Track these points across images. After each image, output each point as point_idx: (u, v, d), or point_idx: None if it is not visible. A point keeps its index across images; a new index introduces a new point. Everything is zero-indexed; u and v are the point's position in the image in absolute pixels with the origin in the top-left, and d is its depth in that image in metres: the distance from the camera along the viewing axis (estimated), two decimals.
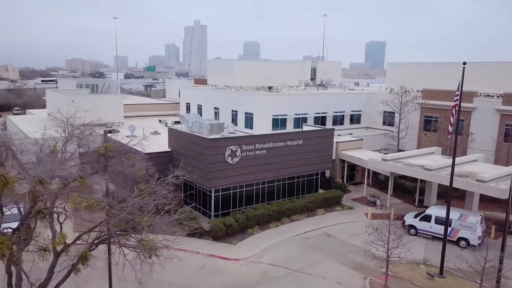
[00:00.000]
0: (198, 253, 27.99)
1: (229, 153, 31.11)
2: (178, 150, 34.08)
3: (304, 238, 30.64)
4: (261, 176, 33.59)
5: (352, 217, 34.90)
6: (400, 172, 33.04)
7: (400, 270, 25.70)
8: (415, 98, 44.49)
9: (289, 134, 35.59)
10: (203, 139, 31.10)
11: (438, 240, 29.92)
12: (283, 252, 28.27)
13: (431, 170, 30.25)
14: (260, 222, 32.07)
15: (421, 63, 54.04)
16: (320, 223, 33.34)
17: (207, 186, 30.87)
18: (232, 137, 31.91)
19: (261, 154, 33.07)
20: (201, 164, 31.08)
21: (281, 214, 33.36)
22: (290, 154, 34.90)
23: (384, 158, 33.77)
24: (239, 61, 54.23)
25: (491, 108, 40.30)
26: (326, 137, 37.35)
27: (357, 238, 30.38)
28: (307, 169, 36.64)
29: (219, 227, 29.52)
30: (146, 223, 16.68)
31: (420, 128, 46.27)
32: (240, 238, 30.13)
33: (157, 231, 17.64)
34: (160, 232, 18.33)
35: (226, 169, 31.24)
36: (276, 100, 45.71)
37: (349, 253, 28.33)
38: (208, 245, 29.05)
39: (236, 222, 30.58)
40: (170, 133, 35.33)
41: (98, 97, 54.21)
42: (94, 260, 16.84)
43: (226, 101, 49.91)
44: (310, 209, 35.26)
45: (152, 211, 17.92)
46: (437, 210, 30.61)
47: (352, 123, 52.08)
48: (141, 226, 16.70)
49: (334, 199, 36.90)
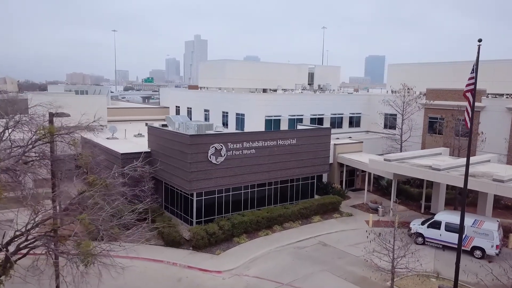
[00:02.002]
0: (175, 264, 24.48)
1: (213, 151, 27.78)
2: (158, 150, 30.76)
3: (298, 248, 27.08)
4: (249, 178, 30.17)
5: (351, 224, 31.36)
6: (405, 173, 29.60)
7: (408, 284, 22.08)
8: (418, 98, 41.31)
9: (281, 132, 32.24)
10: (183, 136, 27.81)
11: (449, 250, 26.38)
12: (272, 264, 24.69)
13: (440, 170, 26.82)
14: (248, 230, 28.54)
15: (422, 63, 51.09)
16: (315, 231, 29.79)
17: (188, 188, 27.44)
18: (216, 134, 28.62)
19: (250, 154, 29.74)
20: (181, 164, 27.74)
21: (272, 221, 29.83)
22: (283, 155, 31.56)
23: (387, 158, 30.37)
24: (232, 61, 51.31)
25: (502, 107, 37.13)
26: (322, 137, 34.04)
27: (357, 247, 26.87)
28: (302, 172, 33.22)
29: (200, 235, 26.02)
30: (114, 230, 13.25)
31: (424, 130, 43.02)
32: (225, 248, 26.60)
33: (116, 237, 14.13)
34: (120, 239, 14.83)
35: (209, 170, 27.87)
36: (269, 100, 42.55)
37: (348, 264, 24.74)
38: (188, 255, 25.53)
39: (220, 229, 27.07)
40: (150, 131, 32.08)
41: (78, 97, 50.99)
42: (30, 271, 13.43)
43: (217, 102, 46.83)
44: (305, 216, 31.72)
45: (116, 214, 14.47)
46: (448, 215, 27.12)
47: (351, 126, 48.88)
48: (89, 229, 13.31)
49: (331, 206, 33.37)
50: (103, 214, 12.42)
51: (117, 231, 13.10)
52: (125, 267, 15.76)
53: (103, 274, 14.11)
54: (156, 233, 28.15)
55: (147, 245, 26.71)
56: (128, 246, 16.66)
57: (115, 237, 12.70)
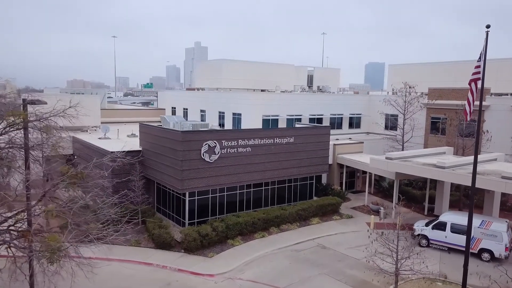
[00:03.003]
0: (165, 267, 23.07)
1: (206, 149, 26.49)
2: (149, 149, 29.46)
3: (295, 251, 25.67)
4: (245, 178, 28.83)
5: (352, 226, 29.95)
6: (408, 172, 28.24)
7: (413, 287, 20.65)
8: (420, 96, 40.05)
9: (278, 130, 30.91)
10: (175, 133, 26.53)
11: (455, 252, 24.98)
12: (268, 267, 23.28)
13: (445, 167, 25.47)
14: (243, 231, 27.14)
15: (424, 63, 49.90)
16: (314, 233, 28.39)
17: (179, 188, 26.09)
18: (210, 130, 27.35)
19: (245, 152, 28.44)
20: (173, 162, 26.43)
21: (269, 222, 28.43)
22: (280, 154, 30.26)
23: (389, 156, 29.02)
24: (229, 60, 50.14)
25: (507, 106, 35.93)
26: (321, 135, 32.75)
27: (358, 250, 25.47)
28: (300, 172, 31.88)
29: (192, 236, 24.62)
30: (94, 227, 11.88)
31: (427, 130, 41.75)
32: (218, 250, 25.18)
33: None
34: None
35: (202, 168, 26.55)
36: (266, 100, 41.32)
37: (348, 267, 23.32)
38: (179, 258, 24.12)
39: (214, 231, 25.69)
40: (141, 129, 30.81)
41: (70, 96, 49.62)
42: None
43: (213, 102, 45.64)
44: (303, 217, 30.32)
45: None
46: (453, 216, 25.73)
47: (351, 127, 47.62)
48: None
49: (331, 207, 31.97)
50: (74, 207, 11.07)
51: (93, 227, 11.74)
52: (99, 267, 14.38)
53: (89, 278, 12.79)
54: (146, 236, 26.84)
55: (137, 248, 25.37)
56: (110, 245, 15.34)
57: (89, 234, 11.33)
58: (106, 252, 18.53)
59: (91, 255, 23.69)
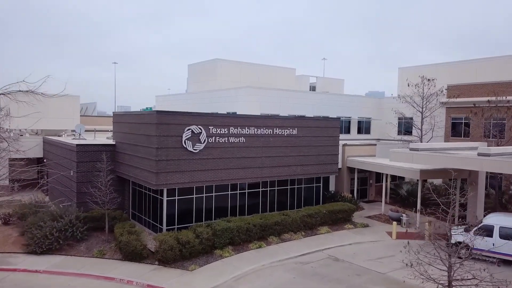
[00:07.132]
0: (131, 282, 17.60)
1: (189, 135, 21.41)
2: (123, 142, 24.36)
3: (300, 263, 20.13)
4: (237, 175, 23.61)
5: (369, 236, 24.45)
6: (439, 164, 22.90)
7: None
8: (440, 92, 35.10)
9: (278, 119, 25.80)
10: (149, 115, 21.55)
11: (506, 265, 19.42)
12: (266, 282, 17.75)
13: (490, 155, 20.21)
14: (235, 240, 21.63)
15: (438, 63, 45.45)
16: (323, 243, 22.88)
17: (154, 182, 20.79)
18: (194, 113, 22.32)
19: (238, 143, 23.36)
20: (147, 152, 21.31)
21: (267, 230, 22.96)
22: (281, 148, 25.18)
23: (414, 147, 23.83)
24: (224, 60, 45.84)
25: None
26: (329, 129, 27.73)
27: (380, 262, 20.01)
28: (304, 171, 26.66)
29: (169, 244, 19.18)
30: None
31: (447, 132, 36.72)
32: (202, 263, 19.68)
33: None
34: None
35: (183, 160, 21.38)
36: (264, 96, 36.52)
37: (371, 283, 17.77)
38: (151, 271, 18.63)
39: (197, 238, 20.25)
40: (115, 119, 25.84)
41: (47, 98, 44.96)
42: None
43: (205, 102, 40.91)
44: (309, 225, 24.84)
45: None
46: (502, 218, 20.35)
47: (360, 132, 42.68)
48: None
49: (342, 214, 26.49)
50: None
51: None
52: None
53: None
54: (114, 245, 21.39)
55: (100, 259, 19.96)
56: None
57: None
58: (58, 264, 13.27)
59: (37, 268, 18.24)
